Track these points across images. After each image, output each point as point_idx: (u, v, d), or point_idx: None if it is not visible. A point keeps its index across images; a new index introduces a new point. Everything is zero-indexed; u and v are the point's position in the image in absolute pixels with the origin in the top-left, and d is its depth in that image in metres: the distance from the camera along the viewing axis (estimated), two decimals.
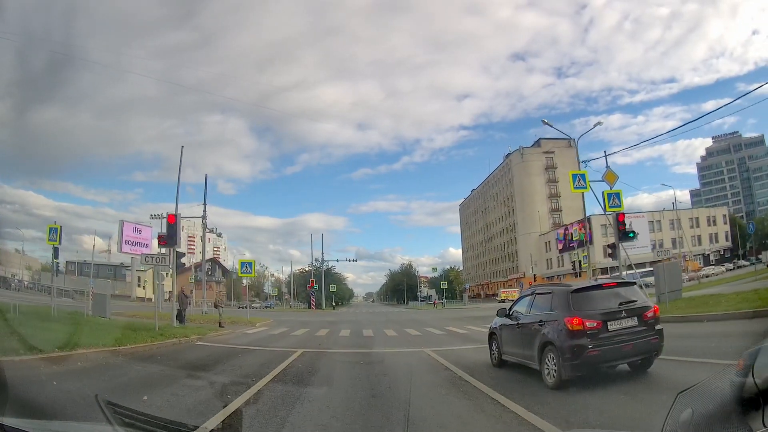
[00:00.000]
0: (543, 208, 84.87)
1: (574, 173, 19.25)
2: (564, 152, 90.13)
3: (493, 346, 8.39)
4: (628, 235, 18.93)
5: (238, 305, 67.65)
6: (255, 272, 25.64)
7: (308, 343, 12.96)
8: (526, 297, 7.70)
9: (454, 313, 32.87)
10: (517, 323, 7.41)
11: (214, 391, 6.15)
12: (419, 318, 27.79)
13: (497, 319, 8.44)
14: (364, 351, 10.94)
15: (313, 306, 52.27)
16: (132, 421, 2.85)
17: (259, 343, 13.13)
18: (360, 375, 7.42)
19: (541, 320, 6.66)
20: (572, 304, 6.27)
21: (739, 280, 25.70)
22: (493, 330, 8.47)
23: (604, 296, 6.57)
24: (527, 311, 7.27)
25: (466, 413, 5.15)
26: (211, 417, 4.47)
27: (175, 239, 16.05)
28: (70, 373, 6.94)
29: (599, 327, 6.03)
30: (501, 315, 8.14)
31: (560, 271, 74.07)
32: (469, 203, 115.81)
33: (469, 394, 6.10)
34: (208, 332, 15.02)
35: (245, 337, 14.99)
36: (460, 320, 23.40)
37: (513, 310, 7.91)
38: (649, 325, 6.24)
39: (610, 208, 18.87)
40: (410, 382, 6.85)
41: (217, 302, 20.19)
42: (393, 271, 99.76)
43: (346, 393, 6.16)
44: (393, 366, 8.36)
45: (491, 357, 8.45)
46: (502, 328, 8.02)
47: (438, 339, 13.88)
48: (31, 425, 2.42)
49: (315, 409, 5.28)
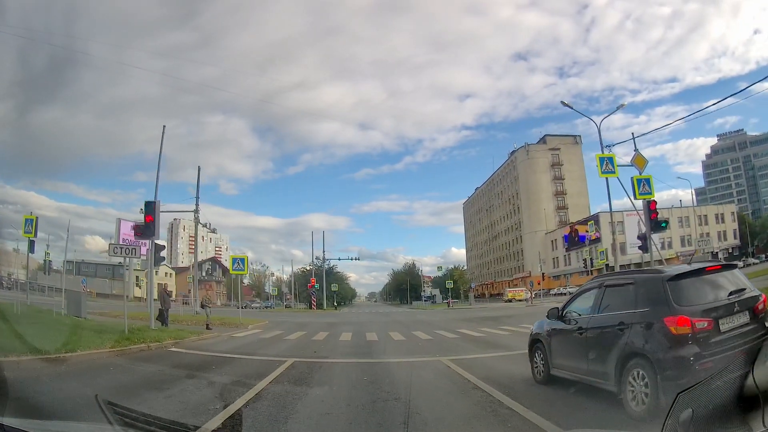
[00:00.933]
0: (549, 206, 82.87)
1: (601, 156, 17.25)
2: (570, 149, 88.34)
3: (536, 357, 6.45)
4: (660, 225, 16.96)
5: (237, 305, 65.97)
6: (247, 269, 23.69)
7: (302, 351, 11.02)
8: (589, 291, 5.73)
9: (462, 314, 30.87)
10: (578, 328, 5.46)
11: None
12: (426, 319, 25.80)
13: (543, 322, 6.49)
14: (368, 361, 8.95)
15: (314, 306, 50.20)
16: (132, 421, 2.80)
17: (244, 349, 11.20)
18: (363, 401, 5.45)
19: (621, 322, 4.71)
20: (672, 297, 4.34)
21: (758, 276, 23.55)
22: (537, 337, 6.53)
23: (710, 284, 4.64)
24: (593, 311, 5.32)
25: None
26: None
27: (153, 229, 14.16)
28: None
29: (710, 328, 4.16)
30: (552, 317, 6.16)
31: (567, 270, 72.15)
32: (473, 202, 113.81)
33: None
34: (189, 336, 13.10)
35: (230, 342, 13.07)
36: (471, 321, 21.46)
37: (567, 310, 5.96)
38: (759, 322, 4.43)
39: (641, 195, 16.93)
40: (433, 410, 4.94)
41: (204, 302, 18.25)
42: (396, 271, 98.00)
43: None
44: (406, 384, 6.40)
45: (534, 371, 6.51)
46: (553, 334, 6.07)
47: (453, 345, 11.93)
48: (31, 425, 2.33)
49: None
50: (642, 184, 16.93)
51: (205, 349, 10.85)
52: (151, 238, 14.36)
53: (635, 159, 17.91)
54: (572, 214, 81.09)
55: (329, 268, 63.33)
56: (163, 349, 10.63)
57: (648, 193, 17.05)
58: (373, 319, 29.11)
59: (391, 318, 29.41)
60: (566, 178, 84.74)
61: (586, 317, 5.42)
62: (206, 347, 11.46)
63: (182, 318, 21.03)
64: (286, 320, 26.08)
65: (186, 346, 11.51)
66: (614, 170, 17.12)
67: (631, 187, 17.03)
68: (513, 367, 7.93)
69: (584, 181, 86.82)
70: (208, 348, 11.24)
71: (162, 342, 11.17)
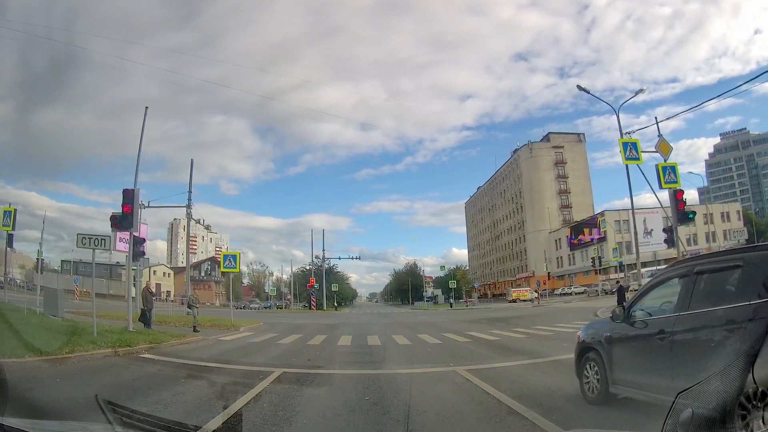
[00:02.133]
0: (552, 205, 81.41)
1: (624, 141, 15.81)
2: (574, 147, 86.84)
3: (588, 370, 5.00)
4: (688, 215, 15.57)
5: (236, 306, 64.47)
6: (239, 266, 22.28)
7: (294, 358, 9.58)
8: (668, 282, 4.29)
9: (467, 315, 29.38)
10: (658, 332, 3.99)
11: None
12: (430, 320, 24.33)
13: (600, 324, 5.08)
14: (371, 373, 7.48)
15: (314, 306, 48.66)
16: (132, 421, 2.75)
17: (227, 356, 9.73)
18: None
19: (731, 321, 3.27)
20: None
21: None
22: (589, 345, 5.08)
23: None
24: (681, 308, 3.85)
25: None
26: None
27: (130, 220, 12.74)
28: None
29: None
30: (618, 317, 4.63)
31: (572, 270, 70.67)
32: (476, 201, 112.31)
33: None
34: (169, 339, 11.66)
35: (216, 347, 11.62)
36: (479, 323, 20.01)
37: (636, 308, 4.51)
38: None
39: (666, 184, 15.55)
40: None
41: (191, 302, 16.77)
42: (397, 271, 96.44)
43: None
44: (420, 407, 4.96)
45: (584, 388, 5.06)
46: (615, 341, 4.63)
47: (467, 350, 10.47)
48: (32, 425, 2.22)
49: None
50: (667, 172, 15.56)
51: (182, 356, 9.39)
52: (129, 230, 12.94)
53: (659, 145, 16.50)
54: (576, 212, 79.64)
55: (329, 267, 61.85)
56: (133, 355, 9.19)
57: (674, 182, 15.68)
58: (375, 320, 27.64)
59: (394, 319, 27.95)
60: (570, 176, 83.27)
61: (669, 317, 3.97)
62: (184, 353, 10.01)
63: (171, 319, 19.62)
64: (283, 322, 24.62)
65: (161, 351, 10.07)
66: (638, 156, 15.70)
67: (656, 176, 15.66)
68: (548, 380, 6.50)
69: (588, 179, 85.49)
70: (187, 354, 9.77)
71: (134, 347, 9.74)
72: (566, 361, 8.16)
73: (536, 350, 9.82)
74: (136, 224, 13.12)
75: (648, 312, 4.33)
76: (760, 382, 1.87)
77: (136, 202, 13.05)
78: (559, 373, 7.07)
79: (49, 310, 15.87)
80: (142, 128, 14.77)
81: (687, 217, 15.52)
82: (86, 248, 10.81)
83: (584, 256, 66.39)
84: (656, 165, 15.63)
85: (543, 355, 9.06)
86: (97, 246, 10.78)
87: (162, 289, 73.24)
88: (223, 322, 18.92)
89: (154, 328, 14.72)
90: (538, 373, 7.18)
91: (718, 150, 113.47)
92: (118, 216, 12.65)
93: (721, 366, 3.16)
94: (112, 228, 12.93)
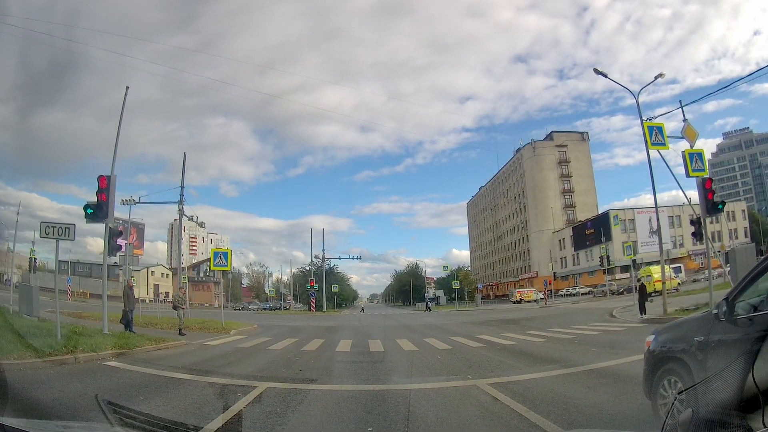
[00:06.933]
0: (556, 204, 80.00)
1: (649, 125, 14.46)
2: (577, 146, 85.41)
3: (666, 387, 3.66)
4: (717, 206, 14.30)
5: (234, 307, 63.16)
6: (231, 264, 20.98)
7: (284, 368, 8.24)
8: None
9: (473, 316, 27.98)
10: None
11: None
12: (435, 322, 22.97)
13: (679, 327, 3.75)
14: (374, 389, 6.10)
15: (313, 308, 47.26)
16: (132, 421, 2.76)
17: (207, 365, 8.39)
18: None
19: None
20: None
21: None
22: (668, 354, 3.75)
23: None
24: None
25: None
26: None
27: (105, 210, 11.43)
28: None
29: None
30: (722, 315, 3.14)
31: (576, 270, 69.33)
32: (477, 201, 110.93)
33: None
34: (145, 344, 10.34)
35: (197, 353, 10.28)
36: (488, 325, 18.70)
37: (744, 301, 3.13)
38: None
39: (693, 172, 14.29)
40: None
41: (176, 303, 15.42)
42: (398, 272, 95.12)
43: None
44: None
45: (659, 408, 3.70)
46: (710, 347, 3.26)
47: (483, 358, 9.12)
48: (32, 425, 2.22)
49: None
50: (695, 159, 14.30)
51: (154, 364, 8.05)
52: (104, 220, 11.60)
53: (685, 130, 15.22)
54: (580, 212, 78.26)
55: (330, 268, 60.53)
56: (95, 362, 7.87)
57: (701, 170, 14.43)
58: (377, 322, 26.29)
59: (397, 321, 26.58)
60: (573, 175, 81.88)
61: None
62: (159, 360, 8.68)
63: (158, 321, 18.32)
64: (279, 324, 23.31)
65: (133, 358, 8.73)
66: (664, 142, 14.38)
67: (683, 163, 14.37)
68: (596, 398, 5.19)
69: (592, 178, 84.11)
70: (160, 362, 8.43)
71: (100, 352, 8.43)
72: (607, 371, 6.88)
73: (565, 357, 8.51)
74: (112, 215, 11.79)
75: (756, 306, 2.98)
76: (760, 382, 1.77)
77: (112, 191, 11.72)
78: (605, 386, 5.78)
79: (24, 310, 14.66)
80: (121, 113, 13.51)
81: (717, 207, 14.23)
82: (50, 238, 9.51)
83: (589, 256, 65.02)
84: (683, 152, 14.36)
85: (575, 363, 7.74)
86: (60, 236, 9.47)
87: (160, 290, 72.07)
88: (213, 324, 17.58)
89: (136, 330, 13.46)
90: (579, 387, 5.85)
91: (721, 149, 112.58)
92: (93, 205, 11.33)
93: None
94: (87, 220, 11.61)
